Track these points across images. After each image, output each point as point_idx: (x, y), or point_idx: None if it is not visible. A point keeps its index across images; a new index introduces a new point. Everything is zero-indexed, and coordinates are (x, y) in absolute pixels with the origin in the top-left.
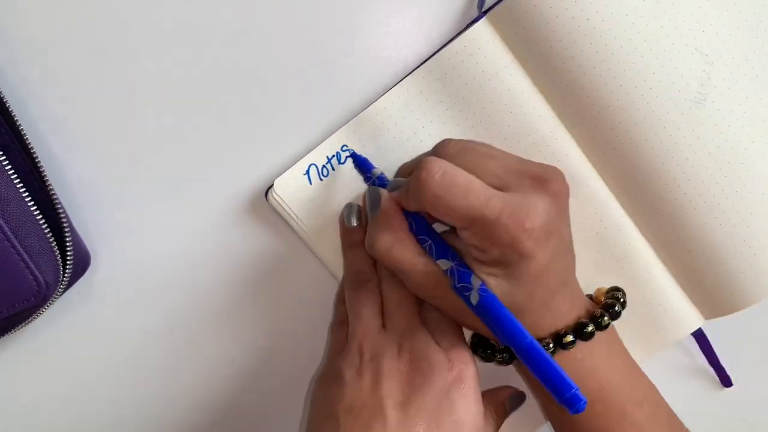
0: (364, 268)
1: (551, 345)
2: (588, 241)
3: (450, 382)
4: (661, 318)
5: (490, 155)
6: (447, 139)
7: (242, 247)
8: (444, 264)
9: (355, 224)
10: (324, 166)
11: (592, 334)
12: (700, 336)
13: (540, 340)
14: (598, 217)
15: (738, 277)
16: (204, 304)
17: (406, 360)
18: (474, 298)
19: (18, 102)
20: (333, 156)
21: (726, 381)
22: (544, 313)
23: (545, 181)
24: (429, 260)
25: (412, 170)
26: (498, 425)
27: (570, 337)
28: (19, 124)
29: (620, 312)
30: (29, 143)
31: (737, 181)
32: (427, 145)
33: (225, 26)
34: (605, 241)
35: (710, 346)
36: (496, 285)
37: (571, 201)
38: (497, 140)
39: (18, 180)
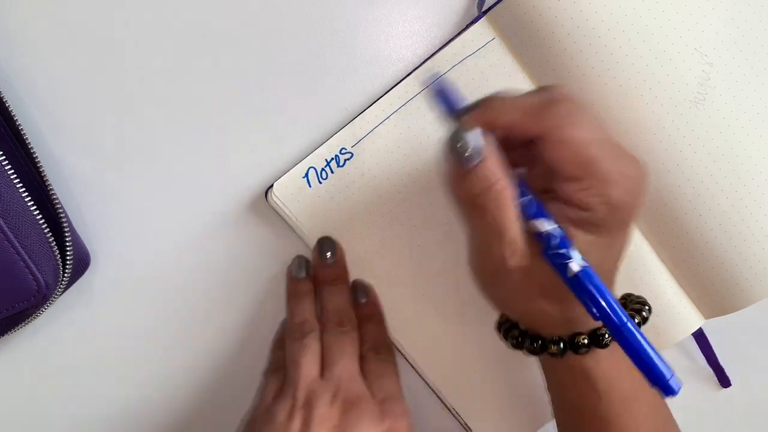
0: (308, 318)
1: (587, 342)
2: None
3: None
4: (661, 318)
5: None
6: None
7: (242, 247)
8: (542, 225)
9: (303, 276)
10: (323, 169)
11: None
12: (699, 336)
13: (578, 335)
14: None
15: (738, 277)
16: (204, 304)
17: (338, 408)
18: (572, 270)
19: (18, 102)
20: (332, 159)
21: (724, 381)
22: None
23: (631, 156)
24: (518, 221)
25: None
26: None
27: (608, 338)
28: (19, 124)
29: (647, 318)
30: (29, 143)
31: (737, 181)
32: (428, 147)
33: (225, 27)
34: None
35: (710, 345)
36: (590, 254)
37: None
38: None
39: (18, 180)
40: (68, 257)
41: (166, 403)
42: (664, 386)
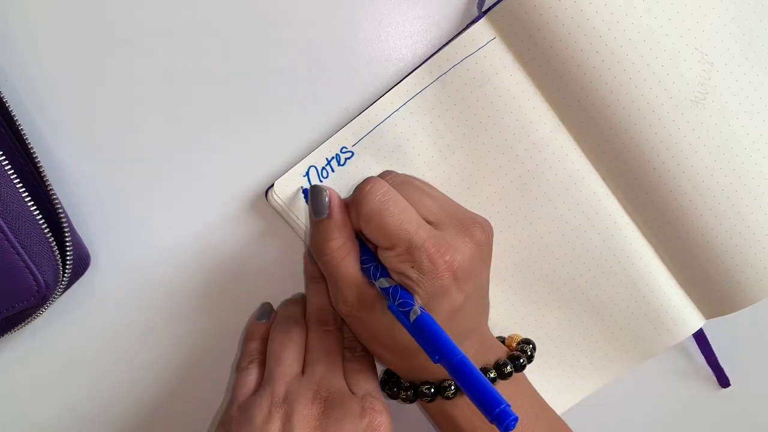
0: (295, 315)
1: (450, 386)
2: (588, 242)
3: (362, 430)
4: (662, 318)
5: (427, 193)
6: (389, 170)
7: (242, 246)
8: (385, 283)
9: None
10: (324, 168)
11: (493, 381)
12: (699, 336)
13: (443, 380)
14: (598, 217)
15: (738, 277)
16: (204, 303)
17: (319, 407)
18: (413, 316)
19: (18, 102)
20: (332, 158)
21: (724, 381)
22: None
23: (471, 228)
24: (365, 278)
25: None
26: None
27: (453, 388)
28: (19, 124)
29: (524, 365)
30: (29, 143)
31: (737, 181)
32: (428, 146)
33: (225, 26)
34: (606, 241)
35: (709, 345)
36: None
37: (572, 201)
38: (497, 140)
39: (18, 180)
40: (68, 257)
41: (166, 402)
42: (500, 413)
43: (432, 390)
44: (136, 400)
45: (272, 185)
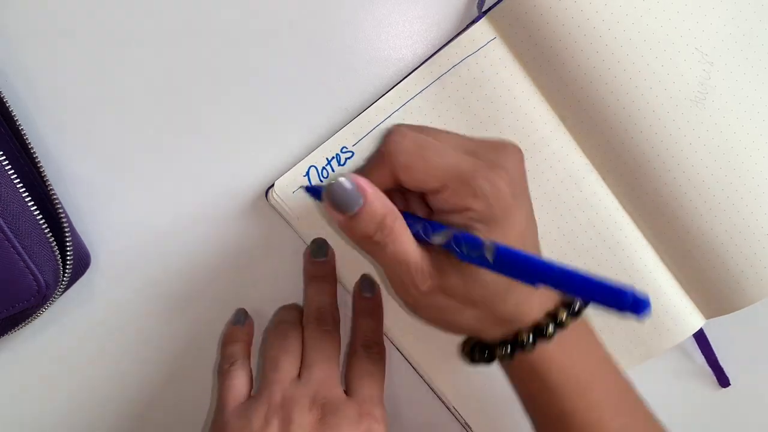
0: (290, 319)
1: (531, 338)
2: (589, 242)
3: None
4: (662, 319)
5: (445, 130)
6: (400, 123)
7: (243, 246)
8: (442, 237)
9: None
10: (324, 167)
11: (561, 324)
12: (699, 336)
13: (520, 332)
14: (598, 217)
15: (738, 277)
16: (204, 303)
17: (316, 413)
18: (489, 253)
19: (19, 103)
20: (333, 158)
21: (724, 381)
22: (531, 292)
23: (505, 144)
24: (421, 247)
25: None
26: None
27: (551, 328)
28: (19, 125)
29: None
30: (29, 143)
31: (737, 181)
32: None
33: (225, 26)
34: (606, 241)
35: (709, 345)
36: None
37: (572, 201)
38: None
39: (18, 180)
40: (68, 257)
41: (166, 402)
42: (630, 304)
43: (530, 335)
44: (136, 400)
45: (272, 185)
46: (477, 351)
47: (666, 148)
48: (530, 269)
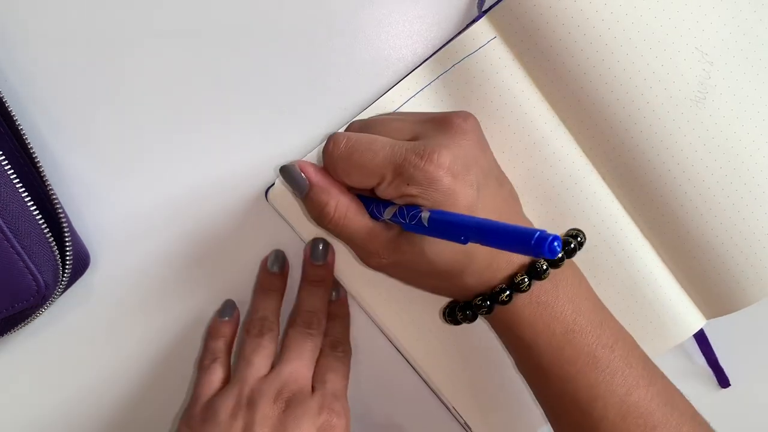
0: (269, 316)
1: (505, 288)
2: (589, 241)
3: (319, 426)
4: (663, 319)
5: (396, 119)
6: (356, 120)
7: (242, 246)
8: (389, 212)
9: (276, 271)
10: None
11: (545, 272)
12: (699, 336)
13: (493, 287)
14: (598, 217)
15: (738, 276)
16: (203, 303)
17: (280, 406)
18: (425, 219)
19: (18, 102)
20: None
21: (724, 381)
22: (493, 254)
23: (449, 121)
24: (374, 221)
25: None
26: None
27: (525, 278)
28: (19, 125)
29: (576, 249)
30: (29, 143)
31: (737, 180)
32: None
33: (224, 26)
34: (606, 241)
35: (710, 345)
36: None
37: (572, 201)
38: (497, 139)
39: (18, 180)
40: (68, 257)
41: (166, 402)
42: (537, 242)
43: (487, 301)
44: (136, 400)
45: (272, 185)
46: (458, 310)
47: (666, 148)
48: (456, 228)
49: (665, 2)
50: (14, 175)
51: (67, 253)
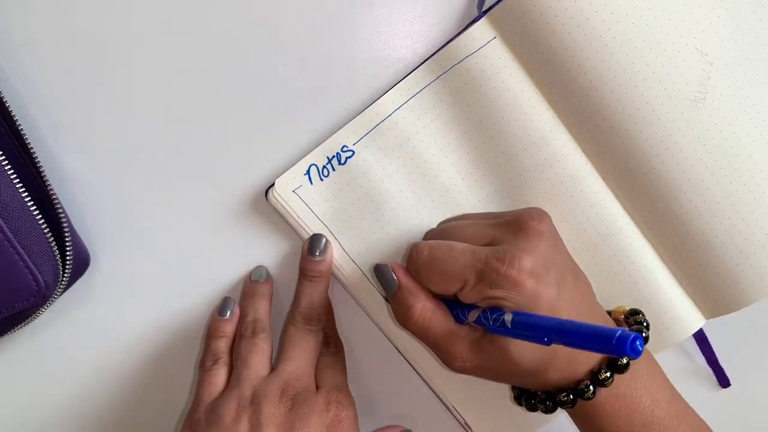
0: (261, 317)
1: (589, 385)
2: (589, 242)
3: (327, 423)
4: (663, 318)
5: (468, 223)
6: (430, 229)
7: (243, 246)
8: (475, 314)
9: (262, 280)
10: (324, 166)
11: (626, 366)
12: (699, 336)
13: (577, 382)
14: (598, 217)
15: (738, 276)
16: (204, 303)
17: (286, 404)
18: (508, 320)
19: (18, 102)
20: (333, 156)
21: (724, 381)
22: (575, 350)
23: (525, 224)
24: (457, 325)
25: None
26: None
27: (607, 373)
28: (19, 125)
29: (648, 338)
30: (29, 143)
31: (737, 180)
32: (428, 145)
33: (225, 26)
34: (606, 241)
35: (709, 345)
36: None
37: (572, 201)
38: (498, 139)
39: (18, 180)
40: (68, 257)
41: (166, 402)
42: (618, 341)
43: (570, 396)
44: (136, 400)
45: (273, 184)
46: (532, 399)
47: (666, 148)
48: (540, 330)
49: (665, 2)
50: (14, 175)
51: (68, 253)
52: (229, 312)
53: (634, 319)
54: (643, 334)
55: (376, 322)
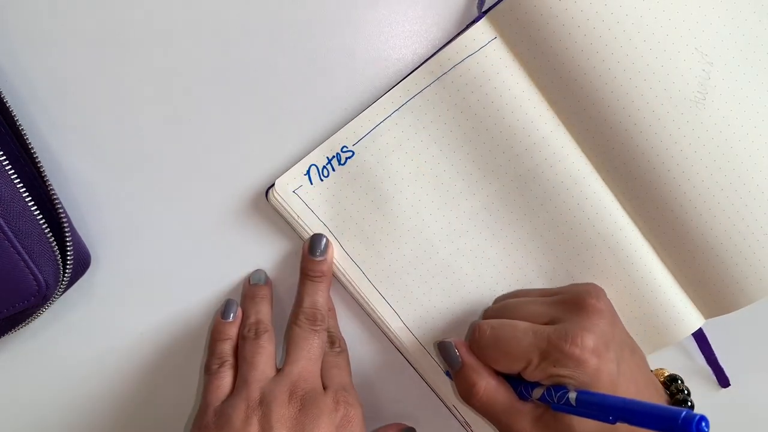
0: (263, 318)
1: None
2: (588, 241)
3: (337, 423)
4: (662, 318)
5: (528, 301)
6: (487, 307)
7: (243, 246)
8: (539, 391)
9: (261, 283)
10: (324, 167)
11: None
12: (699, 336)
13: None
14: (598, 217)
15: (738, 276)
16: (204, 303)
17: (295, 406)
18: (573, 398)
19: (19, 102)
20: (333, 157)
21: (724, 381)
22: (639, 429)
23: (584, 302)
24: (521, 402)
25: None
26: None
27: None
28: (20, 125)
29: (693, 407)
30: (29, 143)
31: (737, 180)
32: (428, 146)
33: (225, 26)
34: (606, 241)
35: (709, 345)
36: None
37: (572, 201)
38: (498, 140)
39: (18, 180)
40: (68, 257)
41: (166, 402)
42: (684, 422)
43: None
44: (136, 399)
45: (273, 184)
46: None
47: (666, 148)
48: (604, 410)
49: (665, 3)
50: (15, 175)
51: (68, 253)
52: (232, 314)
53: (675, 387)
54: (688, 403)
55: (376, 322)
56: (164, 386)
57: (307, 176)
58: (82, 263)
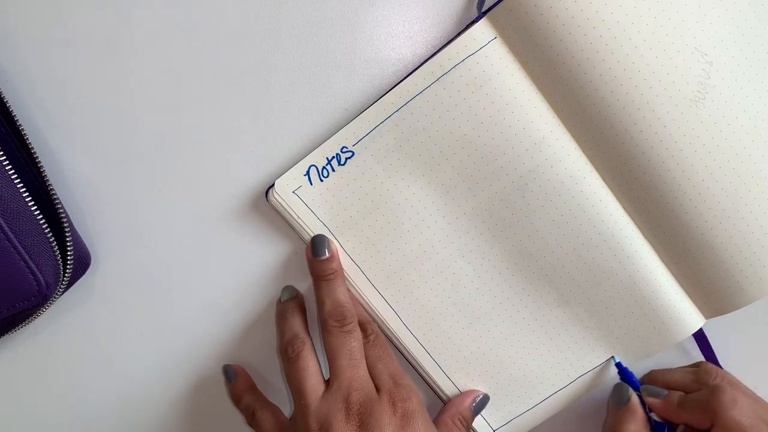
0: (299, 332)
1: None
2: (589, 241)
3: (399, 425)
4: (662, 318)
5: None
6: (705, 363)
7: (243, 246)
8: None
9: (289, 298)
10: (324, 167)
11: None
12: (699, 336)
13: None
14: (598, 217)
15: (738, 276)
16: (204, 303)
17: (354, 424)
18: None
19: (19, 102)
20: (333, 157)
21: None
22: None
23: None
24: None
25: (675, 383)
26: (467, 430)
27: None
28: (20, 124)
29: None
30: (29, 143)
31: (737, 180)
32: (429, 146)
33: (225, 26)
34: (606, 241)
35: (709, 345)
36: None
37: (572, 201)
38: (498, 140)
39: (18, 180)
40: (69, 257)
41: (166, 402)
42: None
43: None
44: (136, 400)
45: (273, 185)
46: None
47: (666, 148)
48: None
49: (665, 3)
50: (15, 175)
51: (68, 253)
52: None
53: None
54: None
55: (376, 320)
56: (164, 386)
57: (306, 177)
58: (82, 263)
